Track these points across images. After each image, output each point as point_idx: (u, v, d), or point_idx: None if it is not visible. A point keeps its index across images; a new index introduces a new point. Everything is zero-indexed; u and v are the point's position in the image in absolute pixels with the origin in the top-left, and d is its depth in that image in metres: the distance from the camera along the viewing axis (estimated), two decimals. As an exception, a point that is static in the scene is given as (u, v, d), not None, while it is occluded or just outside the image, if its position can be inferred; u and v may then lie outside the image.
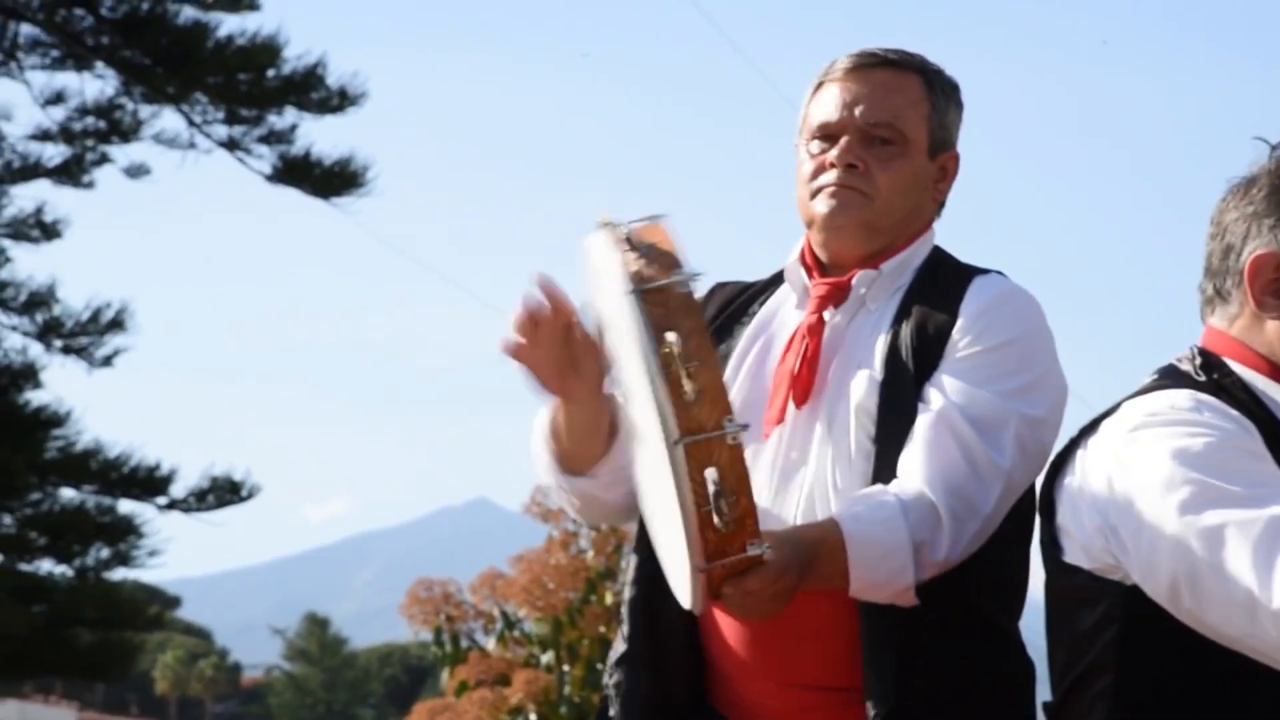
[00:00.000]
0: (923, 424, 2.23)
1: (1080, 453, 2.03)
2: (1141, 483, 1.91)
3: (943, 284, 2.37)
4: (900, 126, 2.39)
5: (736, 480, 1.93)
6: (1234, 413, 1.95)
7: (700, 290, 2.06)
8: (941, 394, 2.25)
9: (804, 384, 2.32)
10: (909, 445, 2.23)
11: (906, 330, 2.31)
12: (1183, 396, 1.97)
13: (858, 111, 2.38)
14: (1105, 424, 2.02)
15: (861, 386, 2.29)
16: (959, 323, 2.30)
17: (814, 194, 2.38)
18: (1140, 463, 1.92)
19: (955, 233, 2.51)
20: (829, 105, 2.40)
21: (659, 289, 1.98)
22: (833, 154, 2.37)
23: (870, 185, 2.36)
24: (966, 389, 2.24)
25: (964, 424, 2.22)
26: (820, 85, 2.45)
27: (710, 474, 1.92)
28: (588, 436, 2.34)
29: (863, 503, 2.20)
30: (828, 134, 2.39)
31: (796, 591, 2.09)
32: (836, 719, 2.26)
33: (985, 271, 2.39)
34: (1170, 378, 2.04)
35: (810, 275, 2.42)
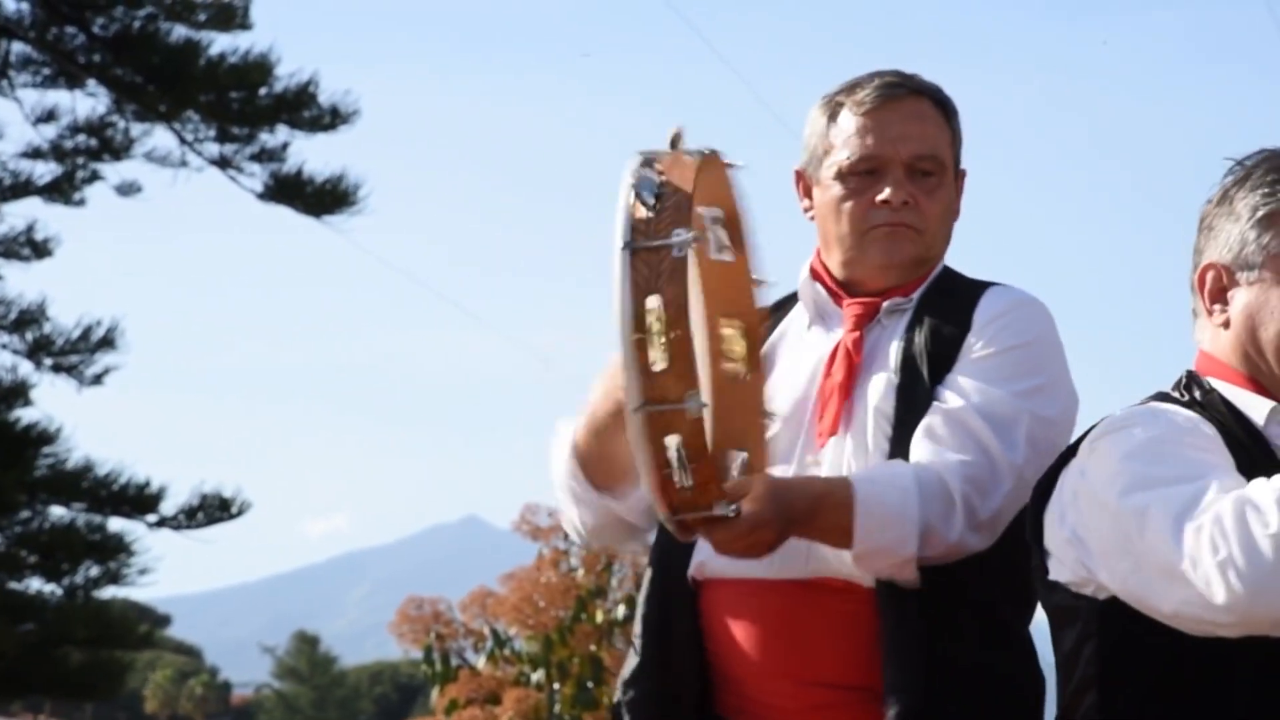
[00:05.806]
0: (937, 419, 2.26)
1: (1061, 475, 2.04)
2: (1095, 484, 1.94)
3: (955, 295, 2.39)
4: (940, 157, 2.40)
5: (696, 450, 1.97)
6: (1191, 414, 1.97)
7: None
8: (956, 393, 2.27)
9: (845, 395, 2.35)
10: (923, 438, 2.25)
11: (920, 336, 2.34)
12: (1144, 404, 2.00)
13: (901, 146, 2.37)
14: (1081, 445, 2.03)
15: (879, 390, 2.32)
16: (973, 327, 2.33)
17: (864, 232, 2.38)
18: (1096, 467, 1.95)
19: (963, 250, 2.52)
20: (866, 138, 2.38)
21: (652, 250, 1.95)
22: (885, 192, 2.36)
23: (922, 220, 2.38)
24: (980, 388, 2.27)
25: (978, 419, 2.24)
26: (836, 113, 2.42)
27: (672, 440, 1.96)
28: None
29: (880, 468, 2.24)
30: (869, 169, 2.38)
31: (781, 539, 2.14)
32: (850, 717, 2.28)
33: (996, 284, 2.42)
34: (1156, 399, 2.07)
35: (834, 295, 2.43)
